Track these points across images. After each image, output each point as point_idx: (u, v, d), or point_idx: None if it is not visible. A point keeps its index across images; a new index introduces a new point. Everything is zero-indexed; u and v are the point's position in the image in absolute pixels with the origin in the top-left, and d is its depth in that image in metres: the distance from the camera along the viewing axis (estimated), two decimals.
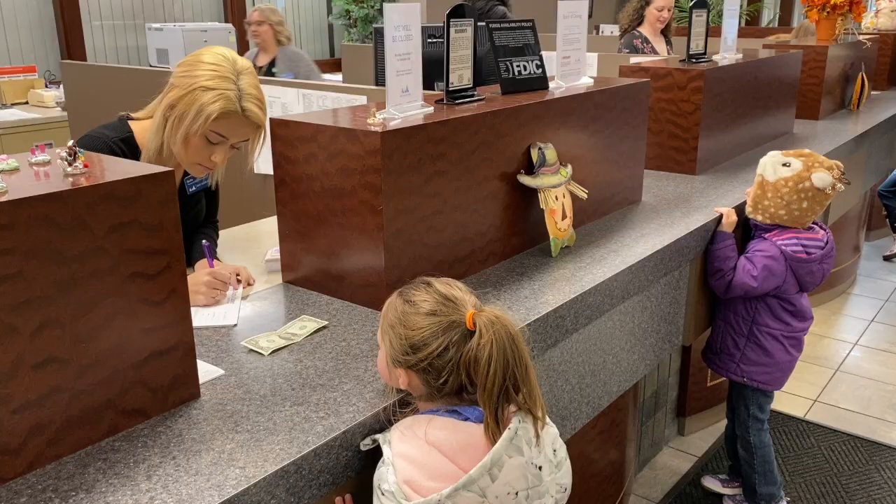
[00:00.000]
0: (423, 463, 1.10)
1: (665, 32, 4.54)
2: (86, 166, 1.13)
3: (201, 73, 1.67)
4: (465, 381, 1.14)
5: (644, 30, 4.45)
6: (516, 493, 1.10)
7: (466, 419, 1.15)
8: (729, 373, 2.38)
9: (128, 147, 1.78)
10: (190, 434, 1.15)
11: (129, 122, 1.82)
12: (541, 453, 1.14)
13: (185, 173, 1.90)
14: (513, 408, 1.13)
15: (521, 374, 1.11)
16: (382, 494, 1.11)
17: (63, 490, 1.02)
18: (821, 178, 2.13)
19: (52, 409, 1.07)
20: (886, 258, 4.92)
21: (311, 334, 1.49)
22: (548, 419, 1.19)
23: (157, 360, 1.18)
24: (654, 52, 4.42)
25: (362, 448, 1.19)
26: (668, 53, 4.47)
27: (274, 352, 1.42)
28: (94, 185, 1.07)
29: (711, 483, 2.67)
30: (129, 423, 1.16)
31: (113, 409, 1.14)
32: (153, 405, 1.19)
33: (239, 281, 1.70)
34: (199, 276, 1.65)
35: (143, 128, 1.81)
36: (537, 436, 1.13)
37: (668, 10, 4.41)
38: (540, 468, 1.14)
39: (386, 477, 1.11)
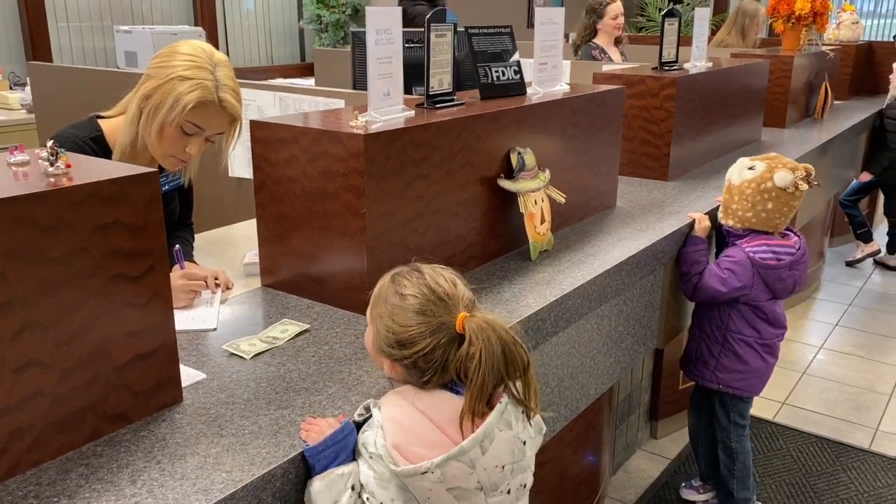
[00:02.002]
0: (411, 429, 1.09)
1: (619, 43, 4.60)
2: (68, 166, 1.11)
3: (178, 64, 1.66)
4: (453, 379, 1.14)
5: (599, 41, 4.51)
6: (503, 467, 1.11)
7: (457, 393, 1.14)
8: (705, 380, 2.40)
9: (98, 146, 1.77)
10: (174, 438, 1.14)
11: (99, 121, 1.81)
12: (524, 429, 1.16)
13: (160, 171, 1.88)
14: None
15: (514, 374, 1.11)
16: (370, 457, 1.10)
17: (45, 496, 1.00)
18: (781, 177, 2.16)
19: (32, 414, 1.05)
20: (849, 264, 5.04)
21: (293, 338, 1.48)
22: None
23: (139, 364, 1.16)
24: (611, 61, 4.48)
25: (356, 418, 1.17)
26: (623, 62, 4.54)
27: (256, 355, 1.41)
28: (76, 186, 1.05)
29: (689, 494, 2.68)
30: (111, 427, 1.14)
31: (95, 414, 1.12)
32: (136, 409, 1.17)
33: (217, 285, 1.68)
34: (172, 279, 1.62)
35: (113, 126, 1.79)
36: (527, 417, 1.15)
37: (622, 16, 4.51)
38: (524, 443, 1.15)
39: (374, 440, 1.10)
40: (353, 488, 1.09)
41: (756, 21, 4.76)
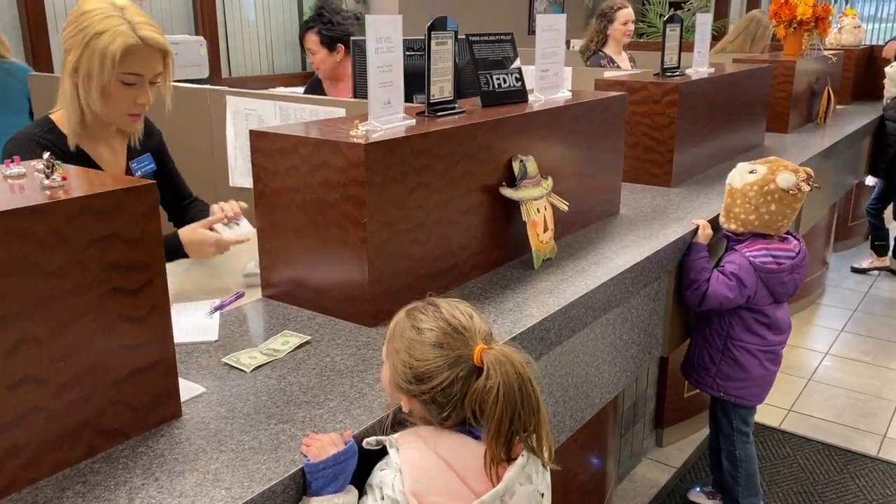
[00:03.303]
0: (431, 476, 1.08)
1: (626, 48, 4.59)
2: (64, 179, 1.10)
3: (88, 23, 1.64)
4: (469, 417, 1.12)
5: (608, 49, 4.50)
6: None
7: (477, 437, 1.13)
8: (706, 387, 2.38)
9: (53, 136, 1.77)
10: (172, 454, 1.12)
11: (50, 115, 1.81)
12: (543, 480, 1.14)
13: (129, 157, 1.89)
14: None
15: (527, 416, 1.09)
16: (382, 499, 1.08)
17: None
18: (785, 178, 2.16)
19: (28, 431, 1.03)
20: (855, 269, 5.01)
21: (294, 350, 1.46)
22: None
23: (137, 378, 1.14)
24: (620, 70, 4.47)
25: (365, 446, 1.14)
26: (632, 69, 4.53)
27: (256, 368, 1.39)
28: (72, 199, 1.04)
29: (697, 497, 2.66)
30: (108, 443, 1.12)
31: (92, 430, 1.10)
32: (134, 425, 1.15)
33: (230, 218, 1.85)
34: (204, 234, 1.81)
35: (61, 115, 1.79)
36: (544, 468, 1.14)
37: (633, 22, 4.49)
38: (542, 495, 1.14)
39: (391, 483, 1.07)
40: None
41: (767, 33, 4.73)
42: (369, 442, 1.15)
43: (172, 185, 2.06)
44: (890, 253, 4.98)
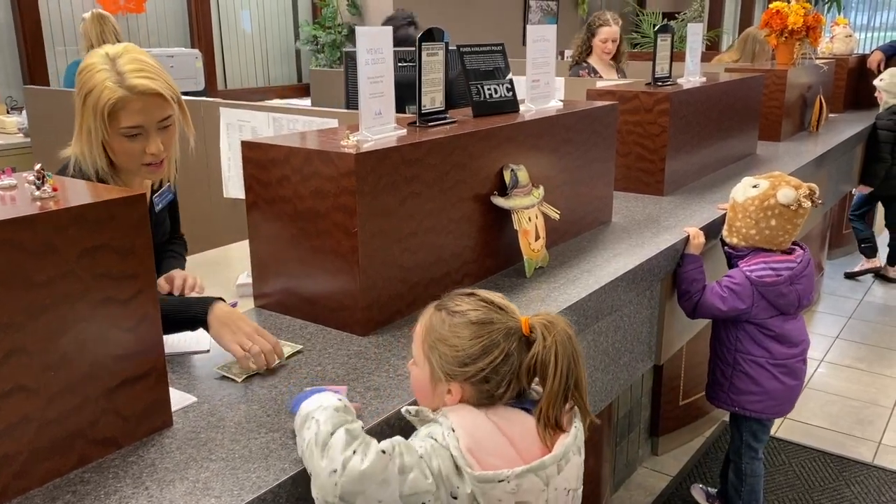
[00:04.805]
0: (484, 438, 1.08)
1: (617, 61, 4.57)
2: (55, 190, 1.11)
3: (83, 80, 1.60)
4: (525, 386, 1.14)
5: (592, 60, 4.51)
6: (568, 491, 1.12)
7: (526, 410, 1.14)
8: (721, 403, 2.36)
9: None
10: (163, 463, 1.12)
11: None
12: (580, 454, 1.16)
13: (153, 191, 1.86)
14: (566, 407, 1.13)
15: (578, 372, 1.11)
16: (434, 440, 1.06)
17: None
18: (785, 194, 2.16)
19: (18, 441, 1.03)
20: (848, 275, 5.03)
21: (286, 359, 1.47)
22: None
23: (128, 388, 1.15)
24: (603, 80, 4.47)
25: (403, 413, 1.15)
26: (619, 80, 4.53)
27: (247, 378, 1.39)
28: (63, 209, 1.05)
29: (698, 494, 2.66)
30: (99, 453, 1.13)
31: (83, 439, 1.10)
32: (125, 434, 1.16)
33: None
34: (242, 320, 1.45)
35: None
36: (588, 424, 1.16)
37: (612, 42, 4.42)
38: (581, 474, 1.17)
39: (443, 435, 1.06)
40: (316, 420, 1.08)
41: (767, 47, 4.76)
42: (409, 410, 1.14)
43: (173, 214, 2.00)
44: (885, 260, 5.01)
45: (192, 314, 1.44)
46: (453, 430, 1.07)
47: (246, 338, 1.40)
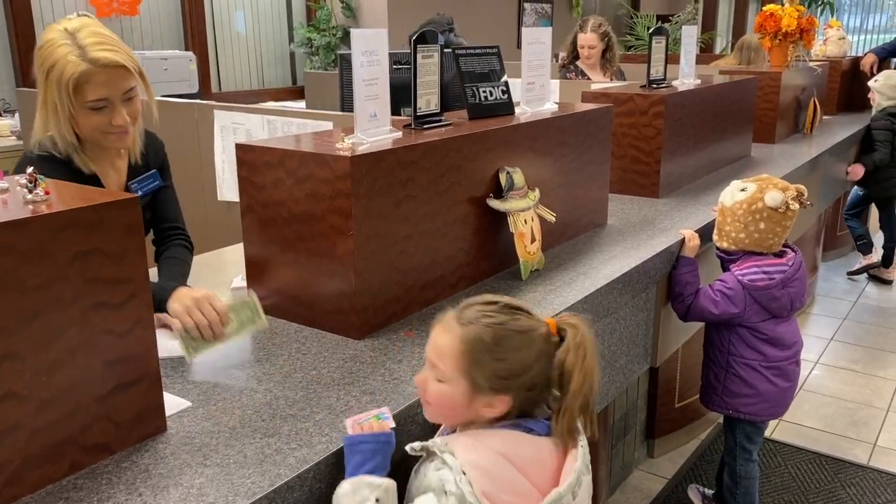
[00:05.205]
0: (497, 476, 1.06)
1: (609, 64, 4.55)
2: (47, 193, 1.09)
3: (44, 56, 1.60)
4: (555, 389, 1.14)
5: (581, 63, 4.51)
6: None
7: (529, 431, 1.13)
8: (715, 406, 2.35)
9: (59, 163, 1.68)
10: (157, 469, 1.11)
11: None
12: (588, 472, 1.15)
13: (131, 176, 1.83)
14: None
15: (594, 376, 1.12)
16: (445, 493, 1.04)
17: None
18: (772, 197, 2.16)
19: (9, 448, 1.02)
20: (850, 274, 5.06)
21: (244, 328, 1.49)
22: None
23: (121, 393, 1.14)
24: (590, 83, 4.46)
25: (409, 451, 1.13)
26: (612, 83, 4.52)
27: (194, 352, 1.41)
28: (56, 213, 1.04)
29: (694, 495, 2.66)
30: (92, 459, 1.12)
31: (75, 446, 1.09)
32: (118, 440, 1.15)
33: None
34: (189, 297, 1.49)
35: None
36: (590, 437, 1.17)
37: (589, 48, 4.41)
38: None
39: (454, 482, 1.04)
40: (377, 500, 1.07)
41: (762, 53, 4.77)
42: (413, 447, 1.12)
43: (159, 203, 1.96)
44: (880, 260, 5.02)
45: (157, 301, 1.39)
46: (464, 473, 1.04)
47: (186, 312, 1.45)
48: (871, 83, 4.79)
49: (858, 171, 4.61)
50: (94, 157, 1.72)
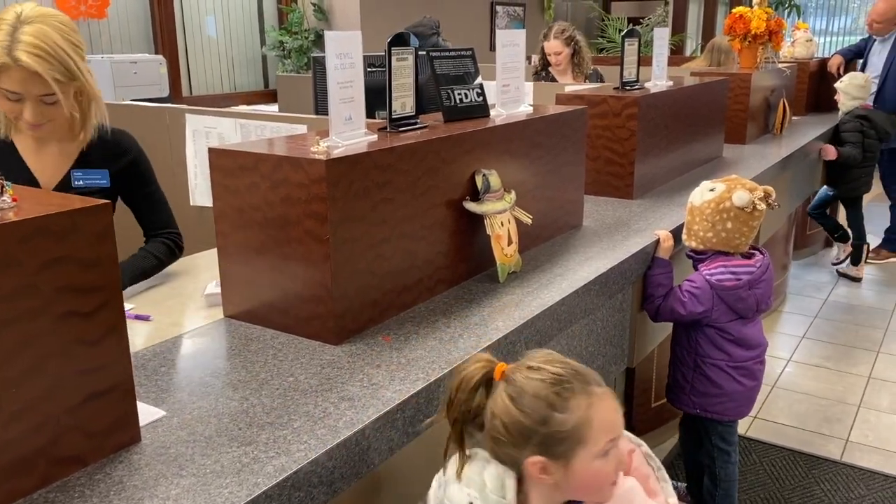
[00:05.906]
0: None
1: (578, 69, 4.54)
2: (14, 200, 1.07)
3: None
4: None
5: (552, 69, 4.53)
6: None
7: None
8: (683, 405, 2.37)
9: None
10: (131, 481, 1.09)
11: None
12: None
13: (78, 165, 1.87)
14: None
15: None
16: None
17: None
18: (739, 196, 2.18)
19: None
20: (835, 265, 5.16)
21: None
22: None
23: (94, 404, 1.11)
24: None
25: None
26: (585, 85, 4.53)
27: None
28: (24, 220, 1.01)
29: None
30: (64, 472, 1.09)
31: (46, 458, 1.06)
32: (90, 451, 1.12)
33: None
34: None
35: None
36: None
37: (556, 54, 4.42)
38: None
39: None
40: None
41: (732, 55, 4.82)
42: None
43: (139, 211, 2.01)
44: (849, 260, 5.11)
45: None
46: None
47: None
48: (837, 84, 4.87)
49: (831, 151, 4.58)
50: (22, 127, 1.77)
